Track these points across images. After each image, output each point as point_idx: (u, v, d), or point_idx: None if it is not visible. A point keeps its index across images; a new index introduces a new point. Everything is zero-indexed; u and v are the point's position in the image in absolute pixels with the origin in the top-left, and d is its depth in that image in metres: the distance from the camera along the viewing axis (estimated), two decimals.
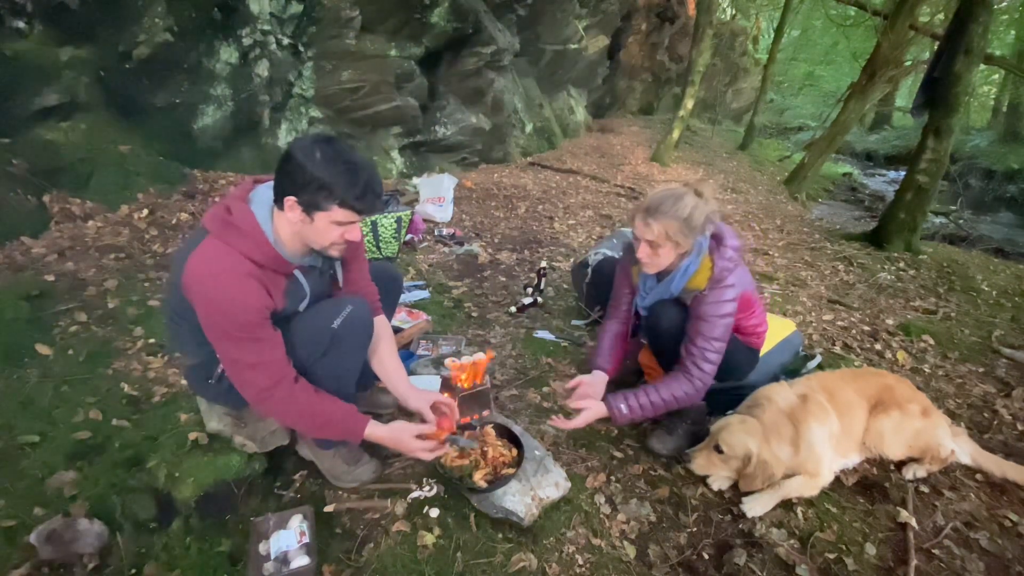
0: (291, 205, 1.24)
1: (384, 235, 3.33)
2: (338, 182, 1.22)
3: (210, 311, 1.26)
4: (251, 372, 1.31)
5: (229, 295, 1.24)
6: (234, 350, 1.29)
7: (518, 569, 1.43)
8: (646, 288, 1.85)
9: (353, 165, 1.24)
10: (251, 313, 1.26)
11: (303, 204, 1.23)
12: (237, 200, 1.30)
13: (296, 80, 4.63)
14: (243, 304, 1.25)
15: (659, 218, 1.59)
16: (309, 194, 1.22)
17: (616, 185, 6.47)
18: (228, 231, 1.27)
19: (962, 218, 8.49)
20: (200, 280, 1.24)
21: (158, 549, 1.40)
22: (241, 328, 1.26)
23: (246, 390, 1.34)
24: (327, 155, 1.21)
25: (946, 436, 1.84)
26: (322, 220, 1.26)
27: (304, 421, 1.41)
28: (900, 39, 6.70)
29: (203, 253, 1.25)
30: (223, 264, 1.24)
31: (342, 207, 1.24)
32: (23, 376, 1.90)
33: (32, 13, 3.13)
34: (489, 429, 1.75)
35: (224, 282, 1.24)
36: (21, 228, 2.81)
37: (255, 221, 1.28)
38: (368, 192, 1.26)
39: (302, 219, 1.26)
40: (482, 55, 5.84)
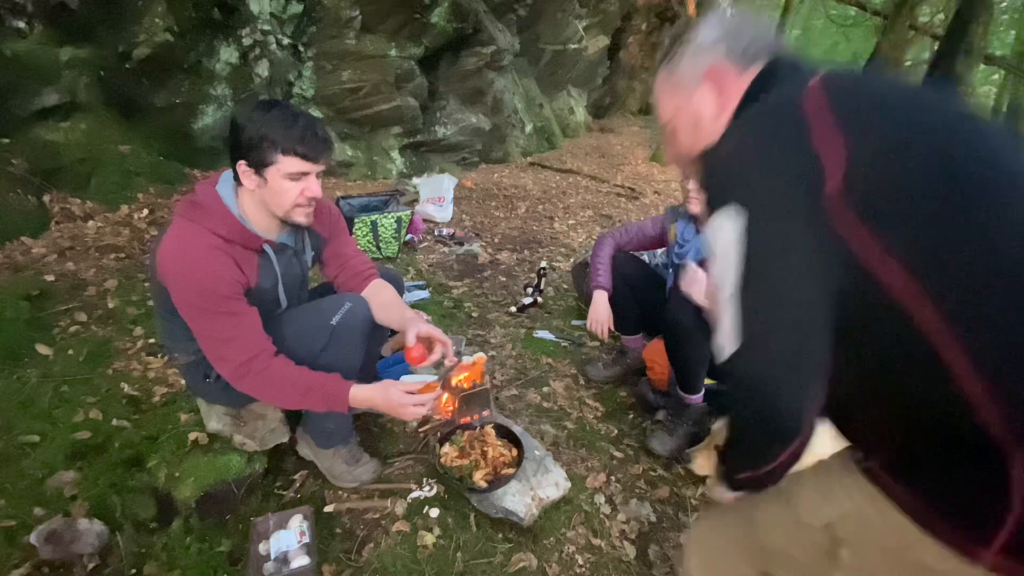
0: (243, 170, 1.26)
1: (384, 235, 3.33)
2: (276, 130, 1.23)
3: (182, 287, 1.26)
4: (227, 347, 1.30)
5: (198, 268, 1.25)
6: (208, 325, 1.29)
7: (518, 569, 1.43)
8: (683, 238, 1.86)
9: (289, 113, 1.25)
10: (222, 285, 1.27)
11: (252, 165, 1.25)
12: (204, 184, 1.33)
13: (296, 80, 4.63)
14: (213, 276, 1.26)
15: None
16: (254, 152, 1.24)
17: (616, 185, 6.46)
18: (193, 210, 1.29)
19: None
20: (170, 260, 1.26)
21: (158, 549, 1.40)
22: (214, 301, 1.26)
23: (223, 366, 1.32)
24: (263, 110, 1.24)
25: None
26: (274, 177, 1.27)
27: (285, 393, 1.35)
28: (900, 39, 6.70)
29: (171, 235, 1.28)
30: (190, 241, 1.26)
31: (286, 155, 1.25)
32: (23, 376, 1.90)
33: (32, 13, 3.13)
34: (489, 429, 1.75)
35: (192, 256, 1.25)
36: (21, 228, 2.81)
37: (217, 196, 1.31)
38: (308, 134, 1.25)
39: (257, 183, 1.28)
40: (482, 55, 5.84)
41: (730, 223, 0.65)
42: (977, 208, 0.57)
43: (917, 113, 0.63)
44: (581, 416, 2.08)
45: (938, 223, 0.58)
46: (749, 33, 0.80)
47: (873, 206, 0.59)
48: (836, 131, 0.60)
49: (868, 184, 0.59)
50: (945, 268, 0.57)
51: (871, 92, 0.65)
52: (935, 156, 0.59)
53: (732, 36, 0.80)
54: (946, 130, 0.62)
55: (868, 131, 0.61)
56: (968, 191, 0.58)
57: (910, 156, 0.59)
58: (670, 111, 0.88)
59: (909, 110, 0.63)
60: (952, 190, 0.58)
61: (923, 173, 0.58)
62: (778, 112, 0.67)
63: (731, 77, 0.79)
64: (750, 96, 0.78)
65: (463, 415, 1.82)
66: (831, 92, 0.64)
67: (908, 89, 0.68)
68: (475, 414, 1.84)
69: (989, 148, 0.61)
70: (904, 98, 0.65)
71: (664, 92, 0.89)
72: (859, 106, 0.63)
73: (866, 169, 0.59)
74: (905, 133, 0.61)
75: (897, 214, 0.59)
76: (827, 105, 0.62)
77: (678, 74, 0.85)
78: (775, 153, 0.64)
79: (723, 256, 0.66)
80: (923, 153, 0.59)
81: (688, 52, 0.83)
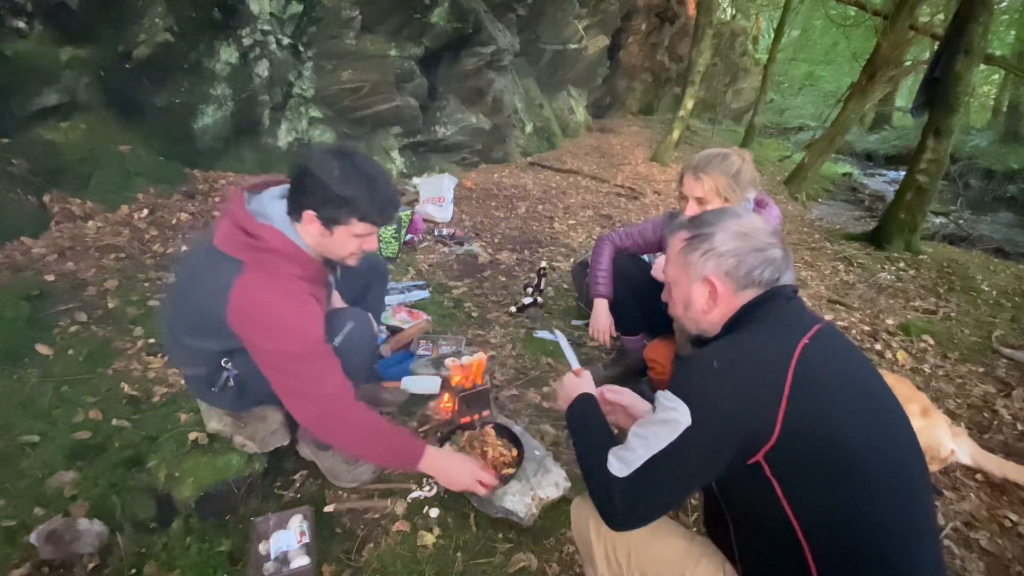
0: (310, 219, 1.24)
1: (384, 235, 3.33)
2: (358, 197, 1.22)
3: (275, 338, 1.24)
4: (320, 386, 1.27)
5: (297, 316, 1.24)
6: (302, 368, 1.26)
7: (518, 569, 1.43)
8: None
9: (372, 179, 1.24)
10: (317, 326, 1.28)
11: (322, 219, 1.24)
12: (248, 219, 1.26)
13: (296, 80, 4.62)
14: (312, 319, 1.27)
15: (709, 172, 1.64)
16: (329, 210, 1.22)
17: (616, 185, 6.47)
18: (269, 257, 1.25)
19: (962, 218, 8.48)
20: (263, 308, 1.22)
21: (158, 549, 1.40)
22: (311, 344, 1.26)
23: (310, 408, 1.28)
24: (346, 170, 1.22)
25: (946, 436, 1.84)
26: (342, 233, 1.27)
27: (364, 441, 1.32)
28: (900, 39, 6.69)
29: (255, 284, 1.23)
30: (280, 292, 1.24)
31: (362, 221, 1.26)
32: (23, 376, 1.90)
33: (32, 13, 3.13)
34: (489, 429, 1.75)
35: (290, 304, 1.24)
36: (21, 228, 2.81)
37: (291, 242, 1.27)
38: (387, 205, 1.28)
39: (321, 232, 1.26)
40: (482, 55, 5.84)
41: (680, 414, 0.83)
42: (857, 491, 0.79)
43: (849, 407, 0.82)
44: None
45: (828, 500, 0.79)
46: (755, 262, 0.94)
47: (787, 473, 0.80)
48: (785, 409, 0.78)
49: (788, 455, 0.79)
50: (822, 523, 0.80)
51: (829, 381, 0.83)
52: (846, 451, 0.79)
53: (740, 258, 0.95)
54: (865, 426, 0.82)
55: (805, 419, 0.79)
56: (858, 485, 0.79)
57: (825, 448, 0.79)
58: (673, 276, 1.05)
59: (846, 404, 0.82)
60: (847, 480, 0.79)
61: (829, 462, 0.79)
62: (766, 370, 0.82)
63: (725, 292, 0.96)
64: (740, 318, 0.95)
65: (463, 415, 1.82)
66: (799, 371, 0.80)
67: (849, 375, 0.86)
68: (475, 414, 1.84)
69: (897, 453, 0.83)
70: (850, 390, 0.84)
71: (677, 262, 1.03)
72: (812, 393, 0.80)
73: (789, 448, 0.78)
74: (833, 427, 0.79)
75: (802, 477, 0.80)
76: (791, 383, 0.79)
77: (688, 259, 0.99)
78: (745, 408, 0.81)
79: (663, 423, 0.85)
80: (839, 445, 0.79)
81: (702, 248, 0.97)
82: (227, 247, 1.25)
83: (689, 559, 0.94)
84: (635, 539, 0.97)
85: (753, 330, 0.91)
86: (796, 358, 0.81)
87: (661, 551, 0.96)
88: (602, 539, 1.01)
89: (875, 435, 0.83)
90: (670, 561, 0.95)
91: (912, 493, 0.83)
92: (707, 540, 1.00)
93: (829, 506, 0.80)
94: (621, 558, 0.98)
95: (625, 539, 0.98)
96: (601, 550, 1.01)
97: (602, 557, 1.00)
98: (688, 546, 0.96)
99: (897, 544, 0.78)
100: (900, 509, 0.80)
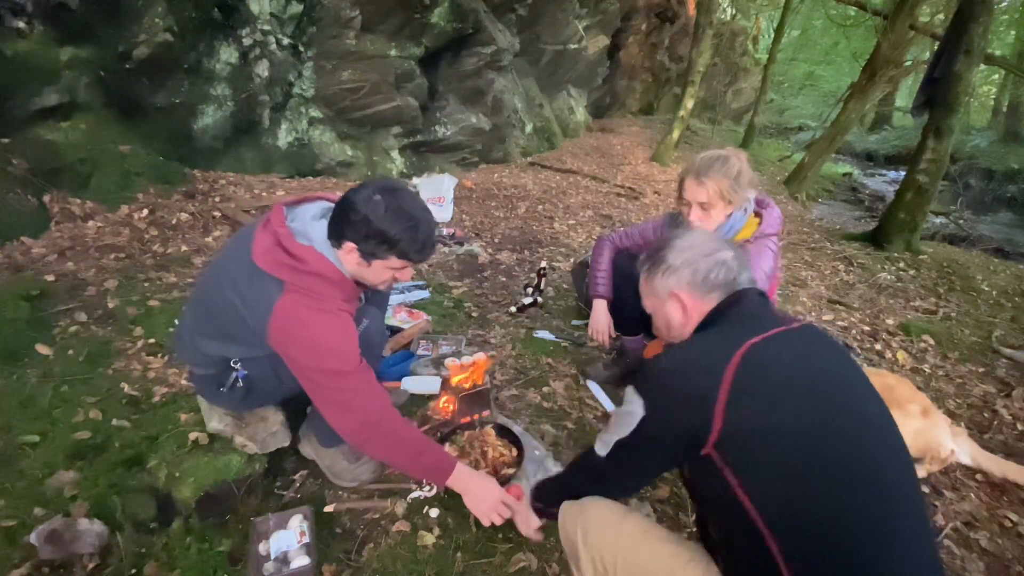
0: (350, 249, 1.27)
1: None
2: (400, 238, 1.25)
3: (321, 354, 1.27)
4: (359, 398, 1.32)
5: (338, 334, 1.29)
6: (345, 383, 1.30)
7: (518, 569, 1.43)
8: None
9: (415, 221, 1.26)
10: (356, 344, 1.32)
11: (362, 252, 1.27)
12: (290, 239, 1.27)
13: (296, 80, 4.63)
14: (351, 338, 1.31)
15: (712, 176, 1.64)
16: (370, 245, 1.25)
17: (616, 185, 6.47)
18: (312, 279, 1.27)
19: (962, 218, 8.49)
20: (306, 327, 1.25)
21: (158, 549, 1.40)
22: (352, 360, 1.30)
23: (350, 419, 1.32)
24: (391, 209, 1.23)
25: (946, 436, 1.84)
26: (379, 266, 1.31)
27: (402, 456, 1.38)
28: (900, 39, 6.69)
29: (299, 305, 1.26)
30: (321, 312, 1.27)
31: (400, 258, 1.29)
32: (23, 376, 1.90)
33: (32, 13, 3.13)
34: (489, 429, 1.75)
35: (333, 324, 1.28)
36: (21, 228, 2.81)
37: (334, 267, 1.30)
38: (427, 246, 1.31)
39: (359, 263, 1.29)
40: (482, 55, 5.84)
41: (637, 407, 0.96)
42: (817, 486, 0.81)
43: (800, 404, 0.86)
44: (581, 416, 2.07)
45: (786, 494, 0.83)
46: (708, 266, 1.06)
47: (739, 466, 0.85)
48: (725, 408, 0.84)
49: (735, 450, 0.85)
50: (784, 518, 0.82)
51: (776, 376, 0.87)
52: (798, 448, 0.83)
53: (693, 268, 1.06)
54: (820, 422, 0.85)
55: (747, 416, 0.85)
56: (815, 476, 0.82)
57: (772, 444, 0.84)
58: (649, 305, 1.18)
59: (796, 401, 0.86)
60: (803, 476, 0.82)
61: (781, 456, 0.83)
62: (707, 367, 0.89)
63: (692, 301, 1.07)
64: (705, 323, 1.05)
65: (463, 415, 1.82)
66: (741, 368, 0.86)
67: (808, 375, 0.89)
68: (475, 414, 1.84)
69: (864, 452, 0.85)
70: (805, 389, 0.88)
71: (646, 292, 1.17)
72: (753, 389, 0.86)
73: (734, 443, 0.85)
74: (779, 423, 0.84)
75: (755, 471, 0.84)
76: (730, 383, 0.85)
77: (654, 285, 1.13)
78: (685, 406, 0.90)
79: (627, 414, 0.97)
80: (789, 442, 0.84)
81: (659, 270, 1.11)
82: (267, 265, 1.27)
83: (677, 564, 0.95)
84: (621, 548, 0.99)
85: (708, 332, 1.02)
86: (739, 357, 0.87)
87: (649, 558, 0.97)
88: (588, 546, 1.02)
89: (835, 433, 0.85)
90: (657, 568, 0.96)
91: (885, 492, 0.82)
92: (696, 544, 1.00)
93: (789, 500, 0.82)
94: (608, 564, 0.99)
95: (612, 546, 1.00)
96: (587, 556, 1.02)
97: (588, 562, 1.02)
98: (676, 551, 0.97)
99: (869, 540, 0.78)
100: (870, 506, 0.80)
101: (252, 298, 1.28)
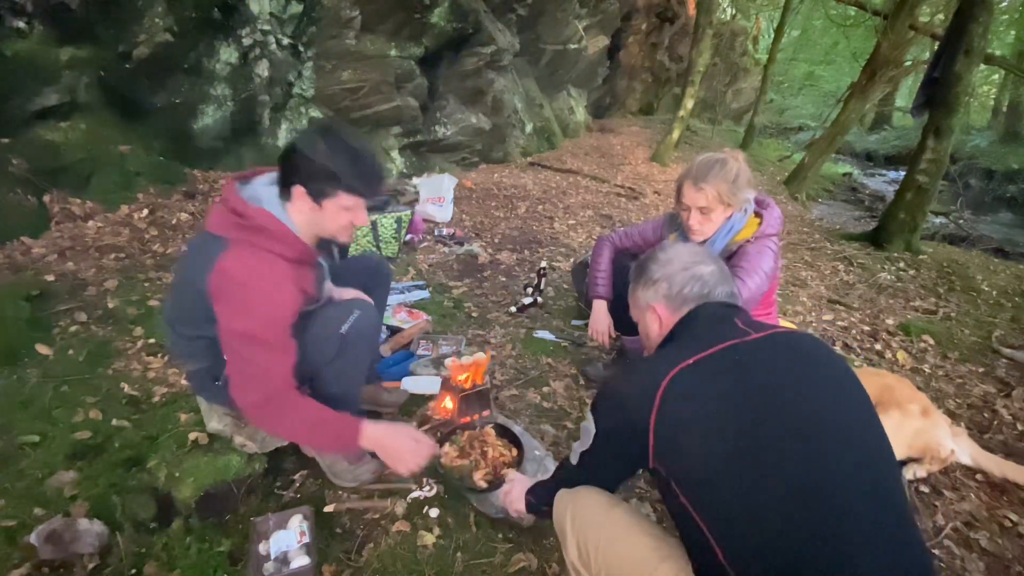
0: (299, 194, 1.28)
1: (384, 235, 3.33)
2: (343, 170, 1.26)
3: (245, 315, 1.24)
4: (261, 378, 1.28)
5: (272, 299, 1.25)
6: (256, 354, 1.26)
7: (518, 569, 1.43)
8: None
9: (355, 152, 1.28)
10: (289, 315, 1.29)
11: (311, 192, 1.27)
12: (239, 202, 1.28)
13: (296, 80, 4.62)
14: (283, 307, 1.28)
15: (710, 181, 1.64)
16: (316, 183, 1.26)
17: (616, 185, 6.47)
18: (255, 235, 1.26)
19: (962, 218, 8.48)
20: (238, 285, 1.23)
21: (158, 549, 1.40)
22: (275, 333, 1.27)
23: (248, 394, 1.29)
24: (331, 144, 1.26)
25: (946, 436, 1.84)
26: (331, 206, 1.30)
27: (297, 429, 1.35)
28: (900, 39, 6.69)
29: (235, 259, 1.24)
30: (261, 269, 1.25)
31: (348, 192, 1.29)
32: (23, 376, 1.90)
33: (32, 13, 3.13)
34: (489, 429, 1.75)
35: (264, 287, 1.25)
36: (21, 228, 2.81)
37: (278, 220, 1.29)
38: (372, 177, 1.31)
39: (311, 207, 1.30)
40: (482, 55, 5.84)
41: (591, 423, 1.03)
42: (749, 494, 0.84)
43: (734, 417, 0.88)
44: (581, 416, 2.07)
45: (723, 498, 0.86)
46: (683, 280, 1.09)
47: (678, 478, 0.90)
48: (654, 429, 0.90)
49: (672, 466, 0.91)
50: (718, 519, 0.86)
51: (704, 395, 0.90)
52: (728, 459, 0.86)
53: (669, 282, 1.10)
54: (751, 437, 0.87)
55: (675, 437, 0.90)
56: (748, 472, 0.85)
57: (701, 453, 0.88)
58: (635, 316, 1.23)
59: (728, 416, 0.88)
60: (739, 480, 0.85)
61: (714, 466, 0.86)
62: (638, 394, 0.94)
63: (666, 314, 1.11)
64: (668, 337, 1.10)
65: (463, 415, 1.82)
66: (668, 392, 0.90)
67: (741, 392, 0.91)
68: (475, 414, 1.84)
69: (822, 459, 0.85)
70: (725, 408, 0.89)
71: (632, 303, 1.22)
72: (679, 411, 0.90)
73: (670, 460, 0.91)
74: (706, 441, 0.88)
75: (693, 485, 0.89)
76: (658, 408, 0.89)
77: (636, 296, 1.18)
78: (624, 425, 0.97)
79: (587, 429, 1.05)
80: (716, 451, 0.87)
81: (642, 282, 1.16)
82: (216, 227, 1.29)
83: (654, 558, 0.96)
84: (604, 535, 1.03)
85: (659, 351, 1.09)
86: (667, 381, 0.90)
87: (628, 550, 1.00)
88: (575, 530, 1.08)
89: (773, 442, 0.86)
90: (635, 559, 0.98)
91: (835, 497, 0.82)
92: (676, 541, 1.01)
93: (725, 508, 0.85)
94: (591, 549, 1.04)
95: (595, 534, 1.04)
96: (573, 539, 1.08)
97: (573, 544, 1.07)
98: (655, 545, 0.98)
99: (815, 549, 0.78)
100: (817, 514, 0.80)
101: (199, 261, 1.27)
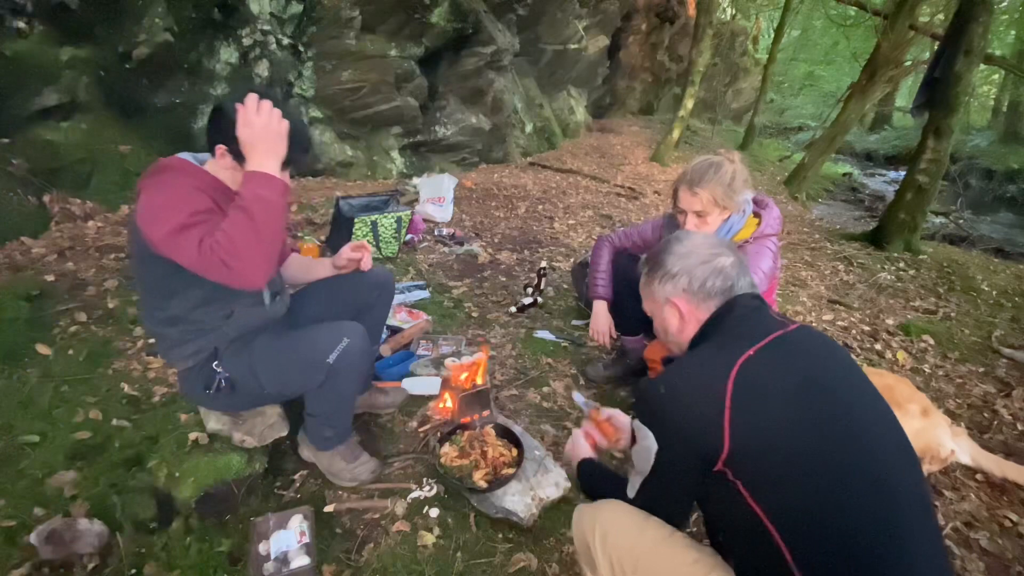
0: (222, 153, 1.31)
1: (384, 235, 3.33)
2: None
3: (163, 217, 1.20)
4: (190, 231, 1.20)
5: (174, 196, 1.24)
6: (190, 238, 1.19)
7: (518, 569, 1.43)
8: None
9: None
10: (203, 202, 1.25)
11: (232, 152, 1.29)
12: (163, 159, 1.34)
13: (296, 80, 4.63)
14: (195, 198, 1.25)
15: (705, 186, 1.65)
16: (236, 143, 1.24)
17: (616, 185, 6.46)
18: (163, 173, 1.29)
19: (962, 218, 8.48)
20: (148, 204, 1.23)
21: (158, 549, 1.40)
22: (195, 214, 1.21)
23: (219, 270, 1.20)
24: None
25: (946, 436, 1.84)
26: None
27: (249, 240, 1.19)
28: (900, 39, 6.69)
29: (145, 195, 1.25)
30: (164, 182, 1.27)
31: None
32: (23, 376, 1.90)
33: (32, 13, 3.13)
34: (489, 429, 1.75)
35: (167, 191, 1.25)
36: (21, 228, 2.81)
37: (185, 160, 1.34)
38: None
39: (233, 166, 1.32)
40: (482, 55, 5.84)
41: (649, 440, 0.95)
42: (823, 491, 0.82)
43: (799, 412, 0.86)
44: (581, 416, 2.07)
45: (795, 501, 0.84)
46: (704, 273, 1.05)
47: (749, 479, 0.86)
48: (730, 427, 0.85)
49: (745, 464, 0.86)
50: (795, 525, 0.83)
51: (773, 388, 0.88)
52: (801, 454, 0.85)
53: (690, 276, 1.06)
54: (821, 427, 0.86)
55: (752, 432, 0.86)
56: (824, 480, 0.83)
57: (777, 452, 0.85)
58: (648, 309, 1.18)
59: (794, 410, 0.87)
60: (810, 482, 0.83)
61: (786, 465, 0.85)
62: (706, 388, 0.90)
63: (689, 308, 1.07)
64: (702, 334, 1.05)
65: (463, 415, 1.82)
66: (739, 385, 0.87)
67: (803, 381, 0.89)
68: (475, 414, 1.84)
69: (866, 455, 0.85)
70: (795, 396, 0.88)
71: (645, 296, 1.17)
72: (753, 405, 0.87)
73: (744, 458, 0.86)
74: (781, 432, 0.86)
75: (765, 482, 0.85)
76: (730, 403, 0.86)
77: (652, 289, 1.13)
78: (695, 430, 0.89)
79: (644, 449, 0.96)
80: (792, 449, 0.85)
81: (658, 275, 1.11)
82: (141, 185, 1.30)
83: (698, 571, 0.94)
84: (642, 551, 0.98)
85: (703, 348, 1.01)
86: (735, 372, 0.88)
87: (670, 564, 0.96)
88: (607, 549, 1.01)
89: (838, 437, 0.86)
90: (678, 574, 0.95)
91: (890, 491, 0.83)
92: (711, 551, 0.99)
93: (798, 508, 0.83)
94: (627, 568, 0.98)
95: (632, 550, 0.98)
96: (606, 560, 1.01)
97: (607, 563, 1.01)
98: (697, 557, 0.96)
99: (878, 543, 0.79)
100: (878, 507, 0.81)
101: (131, 218, 1.31)
